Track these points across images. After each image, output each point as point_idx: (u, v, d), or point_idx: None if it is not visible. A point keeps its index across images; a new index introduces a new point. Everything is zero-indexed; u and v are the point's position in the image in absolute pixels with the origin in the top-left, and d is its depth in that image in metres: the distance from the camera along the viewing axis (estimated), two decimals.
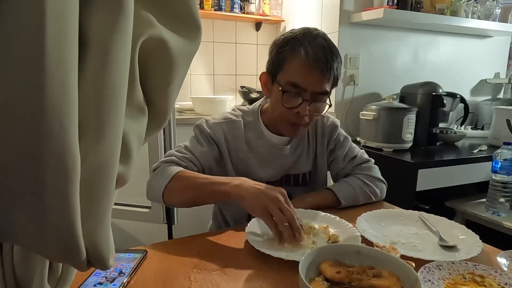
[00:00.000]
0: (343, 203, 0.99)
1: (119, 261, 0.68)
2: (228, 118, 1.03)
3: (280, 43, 0.93)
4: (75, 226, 0.26)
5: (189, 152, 0.97)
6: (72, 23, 0.23)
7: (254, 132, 1.03)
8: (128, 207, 1.55)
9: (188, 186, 0.87)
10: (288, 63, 0.91)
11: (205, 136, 0.99)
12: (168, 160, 0.94)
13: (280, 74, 0.93)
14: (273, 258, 0.68)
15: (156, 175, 0.90)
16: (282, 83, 0.92)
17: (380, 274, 0.57)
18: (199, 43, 0.36)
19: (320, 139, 1.09)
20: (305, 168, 1.09)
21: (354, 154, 1.10)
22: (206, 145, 0.98)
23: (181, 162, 0.94)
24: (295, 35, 0.92)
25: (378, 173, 1.08)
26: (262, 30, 2.69)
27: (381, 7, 1.82)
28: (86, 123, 0.26)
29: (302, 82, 0.90)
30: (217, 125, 1.00)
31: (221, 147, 1.00)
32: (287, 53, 0.91)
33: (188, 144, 1.00)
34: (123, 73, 0.28)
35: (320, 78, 0.90)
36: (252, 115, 1.05)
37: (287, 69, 0.91)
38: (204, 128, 1.00)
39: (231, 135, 1.01)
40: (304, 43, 0.90)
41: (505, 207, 1.51)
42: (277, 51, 0.93)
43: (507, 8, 2.23)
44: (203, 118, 1.03)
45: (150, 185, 0.91)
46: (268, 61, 0.97)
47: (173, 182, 0.86)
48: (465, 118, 2.07)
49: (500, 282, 0.62)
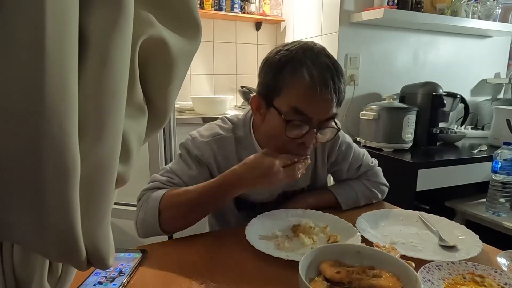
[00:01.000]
0: (343, 207, 0.98)
1: (119, 260, 0.68)
2: (218, 134, 0.90)
3: (276, 65, 0.79)
4: (75, 225, 0.26)
5: (176, 176, 0.86)
6: (72, 23, 0.23)
7: (246, 150, 0.90)
8: (128, 207, 1.55)
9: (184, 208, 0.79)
10: (289, 89, 0.78)
11: (193, 158, 0.88)
12: (151, 186, 0.84)
13: (278, 99, 0.79)
14: (273, 258, 0.68)
15: (141, 206, 0.81)
16: (283, 109, 0.78)
17: (380, 274, 0.57)
18: (199, 43, 0.36)
19: (320, 151, 1.00)
20: (303, 184, 1.00)
21: (358, 163, 1.03)
22: (196, 168, 0.87)
23: (166, 187, 0.84)
24: (293, 53, 0.78)
25: (382, 177, 1.06)
26: (262, 30, 2.69)
27: (381, 7, 1.82)
28: (86, 123, 0.26)
29: (308, 109, 0.77)
30: (205, 144, 0.88)
31: (212, 169, 0.89)
32: (286, 76, 0.77)
33: (174, 166, 0.88)
34: (123, 73, 0.28)
35: (328, 103, 0.77)
36: (244, 128, 0.92)
37: (288, 95, 0.78)
38: (191, 148, 0.88)
39: (221, 154, 0.89)
40: (306, 64, 0.76)
41: (505, 207, 1.51)
42: (273, 74, 0.79)
43: (507, 8, 2.22)
44: (189, 135, 0.91)
45: (139, 219, 0.81)
46: (260, 83, 0.84)
47: (164, 203, 0.78)
48: (465, 118, 2.07)
49: (500, 282, 0.62)
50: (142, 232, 0.81)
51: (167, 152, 1.48)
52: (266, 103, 0.82)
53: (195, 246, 0.76)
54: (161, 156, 1.46)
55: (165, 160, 1.48)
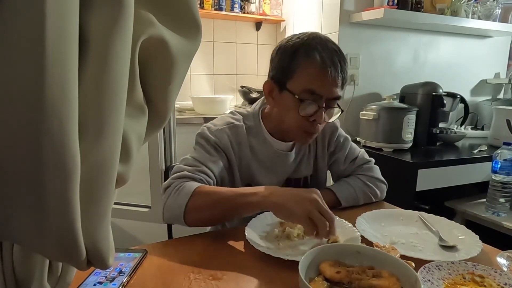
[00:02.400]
0: (343, 204, 0.99)
1: (119, 260, 0.68)
2: (230, 123, 0.97)
3: (290, 49, 0.88)
4: (75, 225, 0.26)
5: (201, 164, 0.89)
6: (72, 23, 0.23)
7: (256, 138, 0.98)
8: (128, 207, 1.55)
9: (212, 202, 0.80)
10: (302, 70, 0.86)
11: (211, 145, 0.92)
12: (180, 175, 0.86)
13: (291, 82, 0.88)
14: (273, 258, 0.68)
15: (171, 194, 0.82)
16: (297, 91, 0.87)
17: (380, 274, 0.57)
18: (199, 42, 0.36)
19: (321, 141, 1.07)
20: (306, 172, 1.06)
21: (355, 155, 1.09)
22: (216, 154, 0.92)
23: (195, 175, 0.86)
24: (304, 40, 0.87)
25: (378, 173, 1.08)
26: (262, 30, 2.69)
27: (381, 7, 1.82)
28: (86, 123, 0.26)
29: (319, 88, 0.86)
30: (220, 131, 0.94)
31: (229, 154, 0.94)
32: (300, 59, 0.86)
33: (196, 155, 0.92)
34: (123, 72, 0.28)
35: (335, 83, 0.86)
36: (253, 119, 0.99)
37: (301, 76, 0.86)
38: (208, 136, 0.93)
39: (235, 141, 0.95)
40: (317, 48, 0.85)
41: (505, 207, 1.51)
42: (288, 57, 0.87)
43: (507, 8, 2.22)
44: (204, 126, 0.97)
45: (167, 206, 0.82)
46: (273, 68, 0.91)
47: (193, 200, 0.79)
48: (465, 118, 2.07)
49: (500, 282, 0.62)
50: (167, 218, 0.84)
51: (167, 152, 1.48)
52: (279, 86, 0.90)
53: (195, 246, 0.76)
54: (161, 156, 1.45)
55: (165, 160, 1.48)
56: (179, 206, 0.80)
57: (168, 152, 1.48)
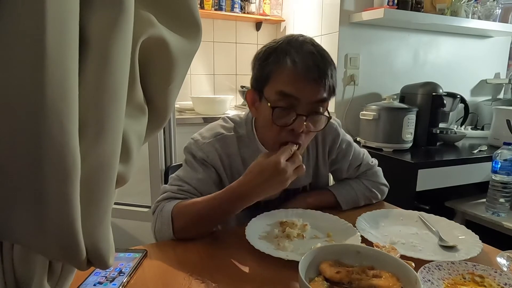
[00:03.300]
0: (343, 207, 0.98)
1: (119, 260, 0.68)
2: (219, 133, 0.90)
3: (262, 56, 0.82)
4: (75, 225, 0.26)
5: (184, 183, 0.85)
6: (73, 23, 0.23)
7: (248, 148, 0.91)
8: (128, 207, 1.55)
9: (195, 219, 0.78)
10: (275, 75, 0.80)
11: (198, 161, 0.88)
12: (164, 197, 0.84)
13: (266, 89, 0.81)
14: (273, 258, 0.68)
15: (157, 218, 0.81)
16: (271, 97, 0.79)
17: (380, 274, 0.57)
18: (199, 42, 0.36)
19: (321, 148, 1.00)
20: (305, 181, 1.01)
21: (358, 162, 1.04)
22: (202, 171, 0.87)
23: (178, 195, 0.84)
24: (278, 44, 0.82)
25: (382, 177, 1.06)
26: (263, 30, 2.69)
27: (381, 7, 1.82)
28: (86, 123, 0.26)
29: (292, 90, 0.77)
30: (208, 145, 0.88)
31: (219, 169, 0.89)
32: (271, 66, 0.80)
33: (181, 173, 0.88)
34: (123, 72, 0.28)
35: (314, 85, 0.78)
36: (246, 127, 0.92)
37: (274, 81, 0.80)
38: (195, 151, 0.88)
39: (224, 153, 0.89)
40: (290, 52, 0.79)
41: (505, 207, 1.51)
42: (260, 65, 0.82)
43: (507, 8, 2.22)
44: (191, 138, 0.91)
45: (156, 230, 0.81)
46: (251, 77, 0.86)
47: (176, 221, 0.78)
48: (465, 118, 2.07)
49: (500, 282, 0.62)
50: (159, 241, 0.82)
51: (167, 152, 1.48)
52: (259, 95, 0.84)
53: (195, 246, 0.76)
54: (161, 156, 1.46)
55: (165, 160, 1.48)
56: (167, 224, 0.78)
57: (168, 152, 1.48)
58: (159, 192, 0.88)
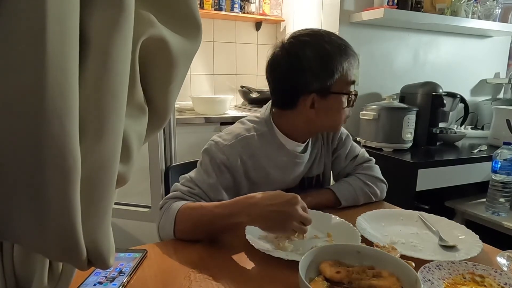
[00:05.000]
0: (343, 204, 0.99)
1: (119, 260, 0.68)
2: (240, 135, 0.92)
3: (326, 55, 0.88)
4: (75, 225, 0.26)
5: (195, 186, 0.87)
6: (73, 24, 0.23)
7: (271, 144, 0.95)
8: (128, 207, 1.55)
9: (196, 226, 0.79)
10: (348, 71, 0.91)
11: (215, 164, 0.88)
12: (174, 195, 0.86)
13: (336, 84, 0.90)
14: (273, 258, 0.68)
15: (162, 216, 0.82)
16: (343, 88, 0.92)
17: (380, 274, 0.57)
18: (199, 42, 0.36)
19: (326, 139, 1.09)
20: (318, 170, 1.07)
21: (355, 153, 1.10)
22: (216, 176, 0.87)
23: (187, 197, 0.85)
24: (330, 45, 0.89)
25: (379, 173, 1.08)
26: (262, 30, 2.69)
27: (381, 7, 1.82)
28: (86, 123, 0.26)
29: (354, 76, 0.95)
30: (229, 147, 0.89)
31: (236, 172, 0.90)
32: (343, 64, 0.89)
33: (194, 175, 0.89)
34: (124, 72, 0.28)
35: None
36: (266, 124, 0.96)
37: (346, 75, 0.91)
38: (215, 154, 0.88)
39: (247, 154, 0.91)
40: (347, 45, 0.91)
41: (505, 207, 1.51)
42: (325, 63, 0.88)
43: (507, 8, 2.23)
44: (212, 140, 0.92)
45: (160, 226, 0.82)
46: (306, 82, 0.89)
47: (178, 223, 0.79)
48: (465, 118, 2.07)
49: (500, 282, 0.62)
50: (161, 237, 0.83)
51: (167, 152, 1.48)
52: (321, 94, 0.91)
53: (196, 246, 0.76)
54: (161, 156, 1.46)
55: (165, 160, 1.48)
56: (169, 223, 0.80)
57: (168, 152, 1.48)
58: (171, 189, 0.88)
